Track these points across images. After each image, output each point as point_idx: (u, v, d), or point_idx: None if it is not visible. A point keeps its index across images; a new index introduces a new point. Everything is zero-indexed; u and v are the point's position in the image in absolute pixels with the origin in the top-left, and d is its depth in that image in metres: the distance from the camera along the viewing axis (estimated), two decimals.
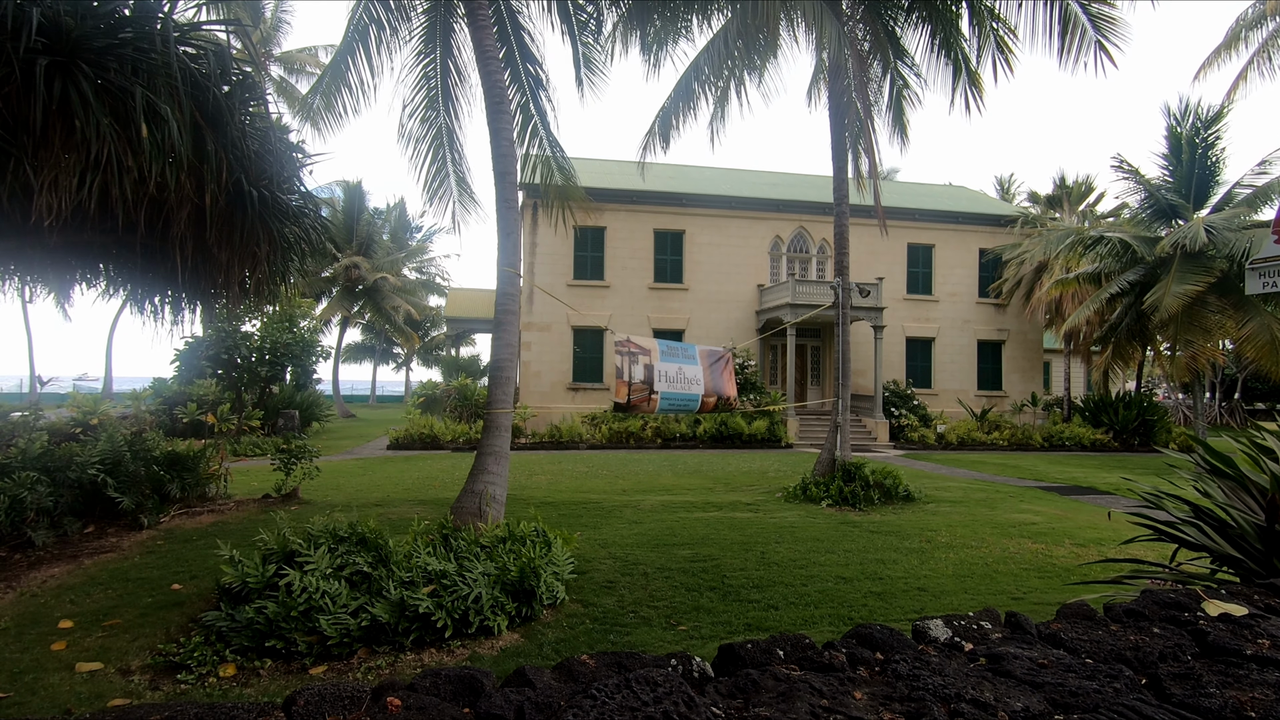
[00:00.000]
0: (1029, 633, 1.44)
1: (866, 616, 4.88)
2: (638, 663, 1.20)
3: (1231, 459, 4.02)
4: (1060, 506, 9.95)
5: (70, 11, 4.56)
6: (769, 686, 1.14)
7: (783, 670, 1.21)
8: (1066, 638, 1.39)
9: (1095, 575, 5.67)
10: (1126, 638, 1.41)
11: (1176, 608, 1.63)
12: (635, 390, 7.61)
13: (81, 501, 6.94)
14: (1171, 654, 1.36)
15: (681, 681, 1.11)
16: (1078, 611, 1.61)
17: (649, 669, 1.13)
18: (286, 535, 4.64)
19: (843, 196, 11.23)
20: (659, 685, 1.08)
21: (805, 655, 1.28)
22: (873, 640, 1.37)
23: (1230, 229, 13.63)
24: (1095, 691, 1.14)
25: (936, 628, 1.45)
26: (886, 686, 1.16)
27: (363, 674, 3.69)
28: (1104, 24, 10.09)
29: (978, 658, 1.31)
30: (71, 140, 4.65)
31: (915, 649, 1.35)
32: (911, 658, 1.26)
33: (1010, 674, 1.22)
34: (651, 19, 10.37)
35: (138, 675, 3.59)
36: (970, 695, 1.12)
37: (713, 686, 1.16)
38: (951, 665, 1.24)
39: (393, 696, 0.98)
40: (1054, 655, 1.30)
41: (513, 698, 1.02)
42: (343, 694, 1.00)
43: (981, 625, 1.48)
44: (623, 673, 1.12)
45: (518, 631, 4.42)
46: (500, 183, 7.20)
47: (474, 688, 1.06)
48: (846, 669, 1.23)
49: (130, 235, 5.89)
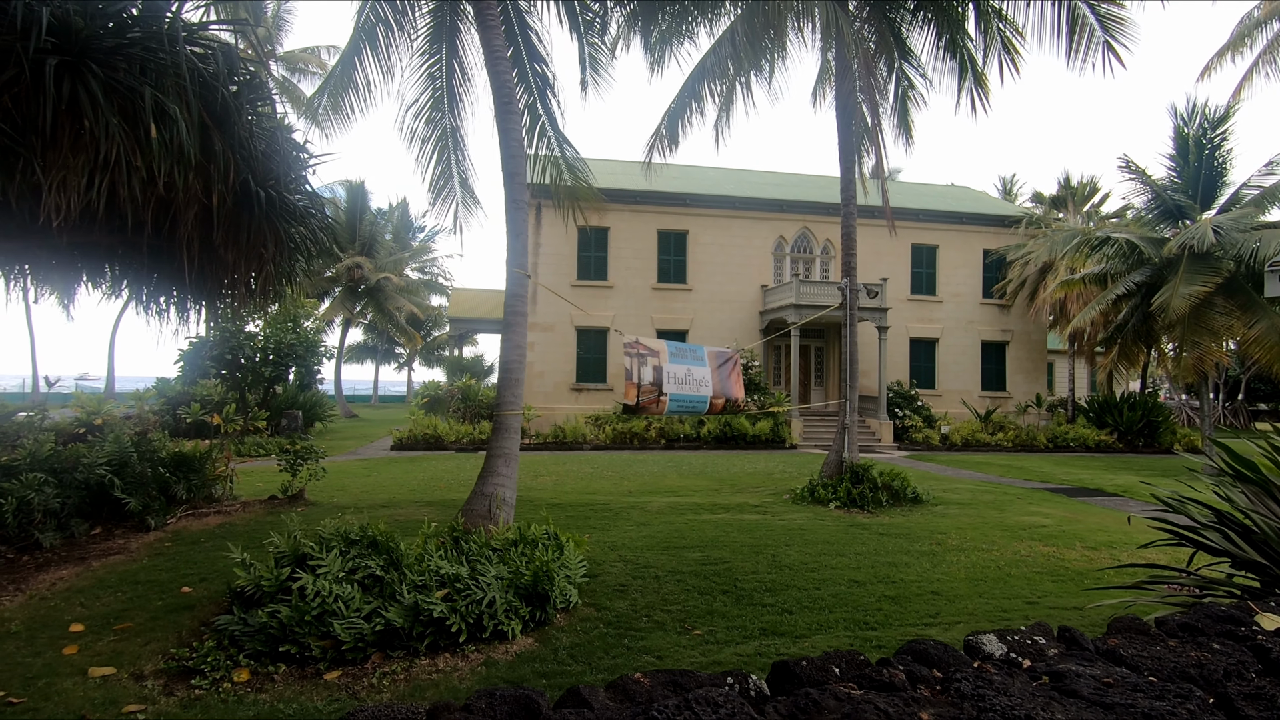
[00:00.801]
0: (1086, 649, 1.40)
1: (882, 621, 4.84)
2: (694, 681, 1.16)
3: (1255, 463, 3.97)
4: (1069, 509, 9.91)
5: (79, 11, 4.52)
6: (831, 707, 1.10)
7: (842, 689, 1.17)
8: (1126, 654, 1.36)
9: (1110, 580, 5.63)
10: (1187, 654, 1.37)
11: (1231, 621, 1.59)
12: (644, 392, 7.58)
13: (88, 503, 6.91)
14: (1236, 671, 1.32)
15: (742, 702, 1.07)
16: (1131, 626, 1.57)
17: (707, 689, 1.09)
18: (298, 538, 4.61)
19: (850, 197, 11.18)
20: (720, 706, 1.04)
21: (862, 673, 1.25)
22: (929, 657, 1.34)
23: (1238, 230, 13.58)
24: (1169, 713, 1.10)
25: (991, 643, 1.41)
26: (952, 707, 1.12)
27: (377, 679, 3.65)
28: (1112, 24, 10.05)
29: (1039, 676, 1.27)
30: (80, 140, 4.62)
31: (973, 666, 1.32)
32: (973, 676, 1.22)
33: (1076, 693, 1.18)
34: (657, 19, 10.33)
35: (151, 680, 3.56)
36: (1041, 717, 1.08)
37: (771, 706, 1.13)
38: (1015, 684, 1.20)
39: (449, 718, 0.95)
40: (1118, 673, 1.26)
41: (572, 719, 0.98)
42: (398, 714, 0.96)
43: (1036, 640, 1.44)
44: (680, 693, 1.09)
45: (531, 636, 4.39)
46: (509, 183, 7.16)
47: (530, 708, 1.03)
48: (907, 688, 1.19)
49: (137, 235, 5.87)
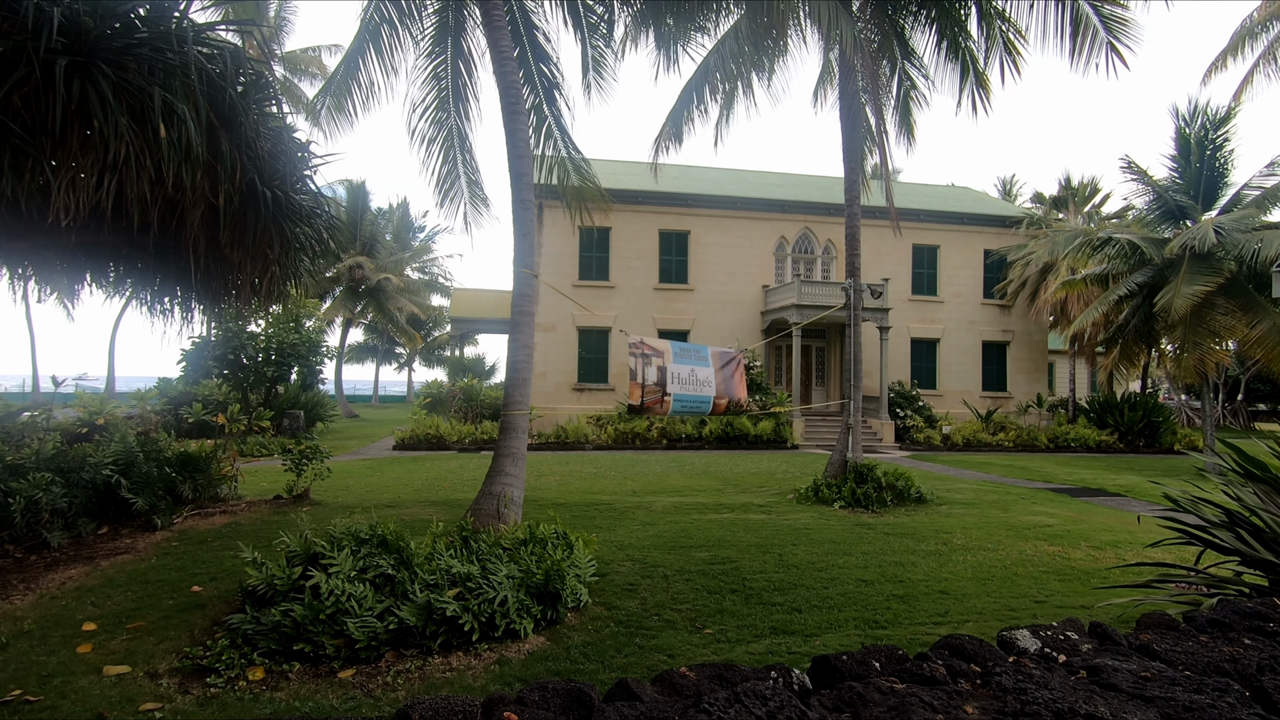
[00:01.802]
0: (1120, 644, 1.41)
1: (891, 620, 4.86)
2: (739, 675, 1.17)
3: (1264, 463, 4.00)
4: (1072, 509, 9.93)
5: (89, 12, 4.54)
6: (875, 700, 1.11)
7: (884, 683, 1.18)
8: (1160, 649, 1.37)
9: (1118, 579, 5.65)
10: (1220, 649, 1.39)
11: (1259, 618, 1.60)
12: (649, 392, 7.59)
13: (95, 503, 6.91)
14: (1269, 665, 1.33)
15: (790, 695, 1.08)
16: (1161, 621, 1.59)
17: (754, 682, 1.10)
18: (309, 537, 4.62)
19: (854, 198, 11.20)
20: (769, 699, 1.06)
21: (902, 667, 1.26)
22: (965, 651, 1.35)
23: (1240, 230, 13.61)
24: (1209, 706, 1.12)
25: (1024, 638, 1.43)
26: (995, 700, 1.14)
27: (392, 678, 3.66)
28: (1116, 25, 10.07)
29: (1076, 670, 1.28)
30: (89, 140, 4.63)
31: (1009, 660, 1.33)
32: (1012, 670, 1.23)
33: (1116, 687, 1.19)
34: (664, 19, 10.35)
35: (166, 678, 3.56)
36: (1085, 710, 1.09)
37: (816, 699, 1.14)
38: (1054, 678, 1.22)
39: (508, 711, 0.95)
40: (1154, 668, 1.28)
41: (625, 712, 0.99)
42: (455, 707, 0.97)
43: (1069, 635, 1.45)
44: (727, 686, 1.10)
45: (543, 634, 4.40)
46: (516, 183, 7.17)
47: (583, 701, 1.04)
48: (949, 682, 1.20)
49: (144, 235, 5.87)
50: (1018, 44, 11.29)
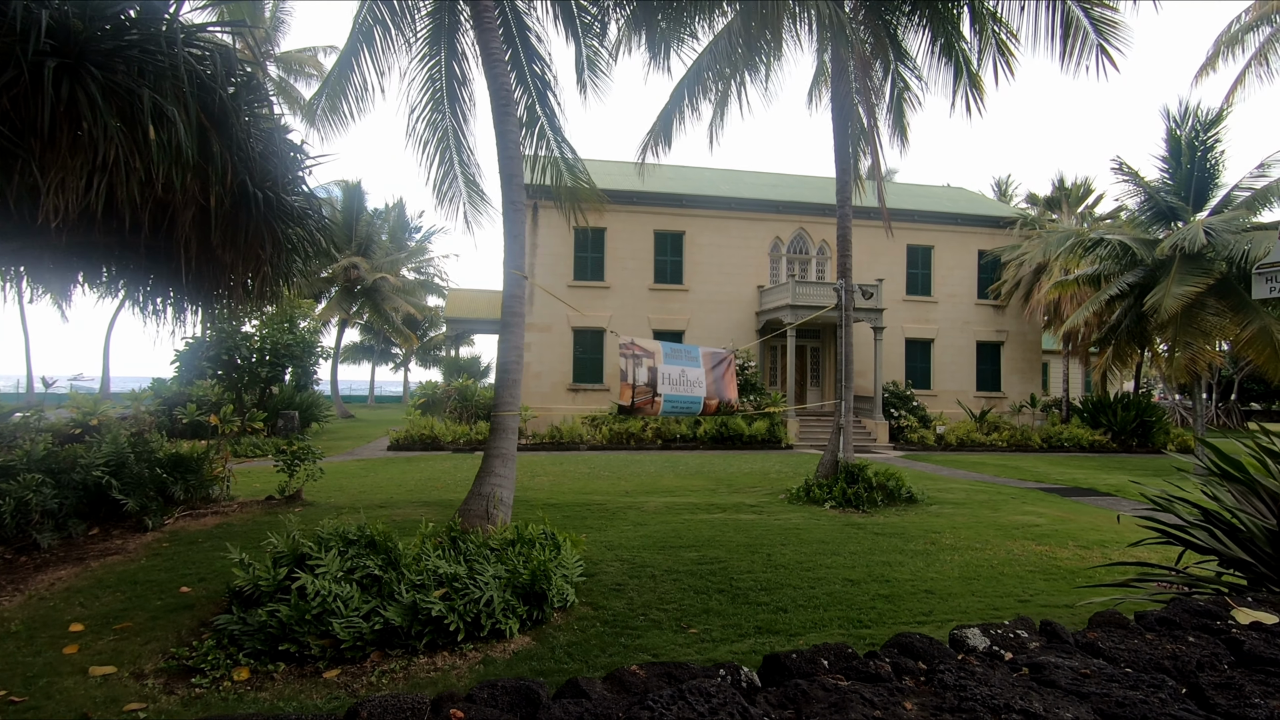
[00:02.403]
0: (1066, 641, 1.45)
1: (875, 619, 4.90)
2: (688, 673, 1.21)
3: (1240, 462, 4.04)
4: (1062, 508, 9.99)
5: (78, 14, 4.55)
6: (819, 697, 1.15)
7: (830, 680, 1.21)
8: (1104, 647, 1.41)
9: (1101, 578, 5.70)
10: (1163, 646, 1.42)
11: (1207, 616, 1.64)
12: (639, 393, 7.61)
13: (86, 503, 6.93)
14: (1209, 663, 1.37)
15: (734, 692, 1.11)
16: (1111, 620, 1.63)
17: (700, 680, 1.14)
18: (296, 538, 4.64)
19: (846, 198, 11.25)
20: (712, 696, 1.09)
21: (850, 665, 1.29)
22: (914, 650, 1.38)
23: (1229, 231, 13.70)
24: (1141, 702, 1.15)
25: (974, 636, 1.46)
26: (935, 697, 1.17)
27: (376, 678, 3.69)
28: (1106, 27, 10.13)
29: (1019, 667, 1.32)
30: (79, 142, 4.65)
31: (957, 658, 1.36)
32: (955, 667, 1.27)
33: (1055, 684, 1.23)
34: (656, 20, 10.37)
35: (151, 679, 3.59)
36: (1019, 706, 1.13)
37: (762, 696, 1.17)
38: (996, 675, 1.25)
39: (454, 709, 0.99)
40: (1095, 665, 1.31)
41: (571, 709, 1.02)
42: (404, 706, 1.01)
43: (1018, 634, 1.49)
44: (675, 684, 1.13)
45: (529, 634, 4.43)
46: (506, 185, 7.20)
47: (531, 699, 1.07)
48: (893, 679, 1.24)
49: (135, 236, 5.88)
50: (1011, 45, 11.34)
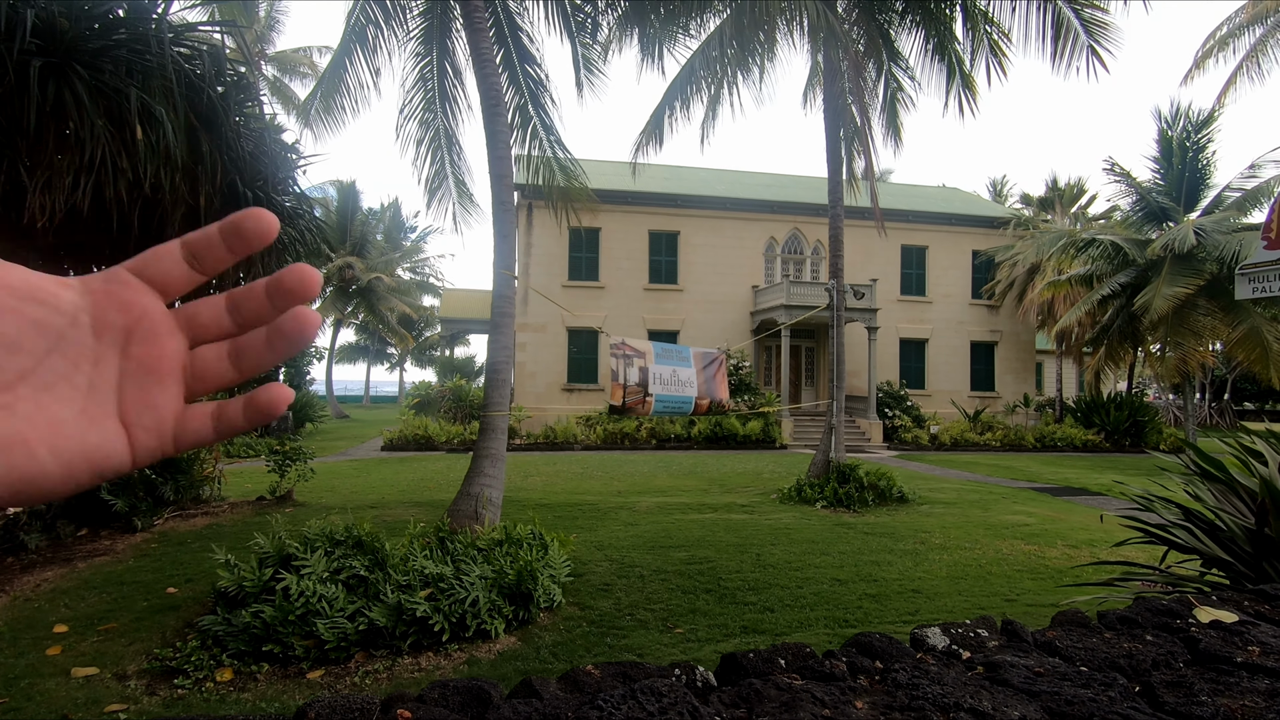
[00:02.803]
0: (1025, 640, 1.46)
1: (861, 618, 4.91)
2: (642, 673, 1.22)
3: (1221, 462, 4.06)
4: (1053, 508, 10.02)
5: (65, 13, 4.54)
6: (772, 696, 1.16)
7: (785, 680, 1.22)
8: (1062, 645, 1.42)
9: (1087, 577, 5.72)
10: (1120, 645, 1.44)
11: (1169, 614, 1.66)
12: (630, 393, 7.62)
13: (74, 504, 6.91)
14: (1164, 661, 1.39)
15: (686, 691, 1.12)
16: (1072, 619, 1.64)
17: (654, 679, 1.15)
18: (282, 539, 4.64)
19: (838, 199, 11.27)
20: (664, 695, 1.10)
21: (807, 664, 1.30)
22: (872, 649, 1.39)
23: (1220, 232, 13.77)
24: (1090, 700, 1.17)
25: (934, 635, 1.47)
26: (887, 695, 1.18)
27: (360, 678, 3.69)
28: (1096, 28, 10.18)
29: (975, 666, 1.33)
30: (66, 141, 4.64)
31: (914, 657, 1.38)
32: (910, 666, 1.28)
33: (1008, 682, 1.24)
34: (649, 19, 10.38)
35: (134, 680, 3.58)
36: (969, 704, 1.14)
37: (716, 696, 1.18)
38: (950, 674, 1.26)
39: (402, 709, 0.99)
40: (1050, 663, 1.32)
41: (520, 709, 1.03)
42: (353, 706, 1.01)
43: (979, 633, 1.50)
44: (628, 683, 1.14)
45: (515, 635, 4.43)
46: (496, 185, 7.20)
47: (482, 699, 1.08)
48: (848, 678, 1.25)
49: (124, 236, 5.87)
50: (1003, 46, 11.39)
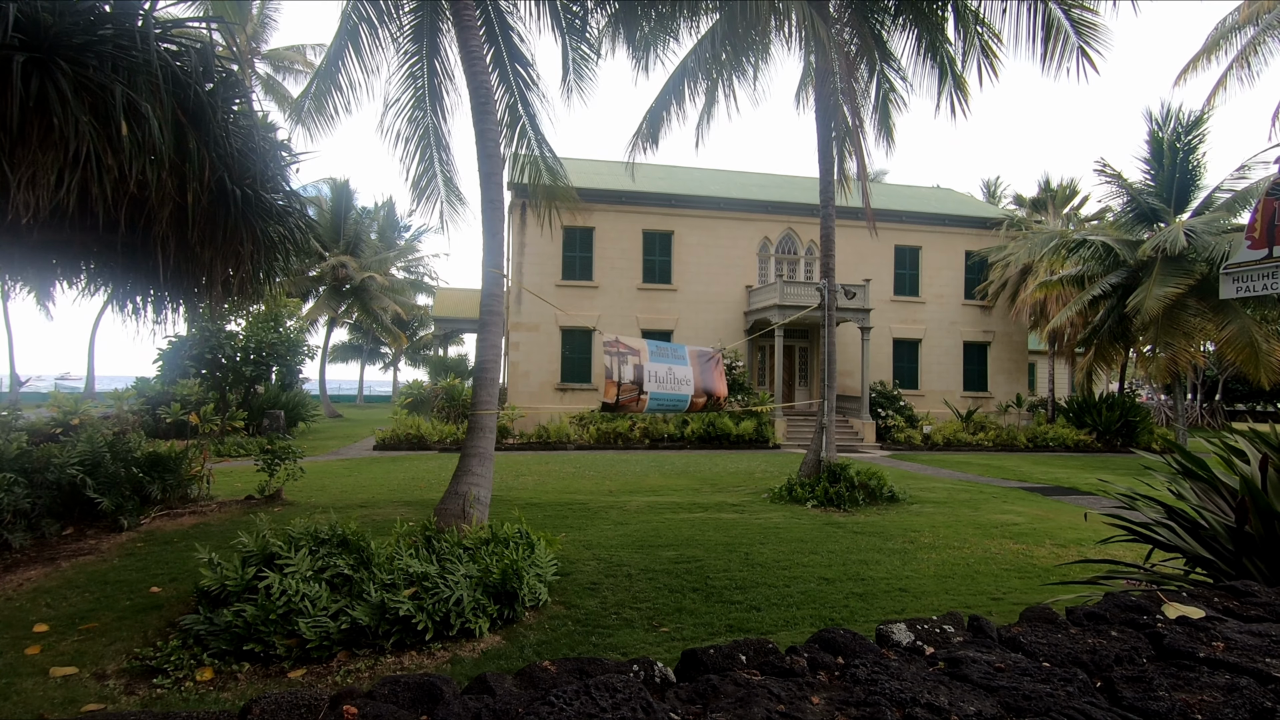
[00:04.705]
0: (990, 636, 1.46)
1: (848, 617, 4.92)
2: (600, 669, 1.21)
3: (1203, 461, 4.08)
4: (1042, 507, 10.06)
5: (48, 8, 4.50)
6: (728, 692, 1.15)
7: (743, 675, 1.22)
8: (1026, 641, 1.42)
9: (1073, 575, 5.74)
10: (1084, 641, 1.44)
11: (1137, 610, 1.66)
12: (624, 390, 7.61)
13: (60, 503, 6.86)
14: (1127, 657, 1.39)
15: (641, 687, 1.11)
16: (1040, 615, 1.64)
17: (609, 675, 1.14)
18: (266, 537, 4.61)
19: (829, 199, 11.29)
20: (618, 691, 1.09)
21: (767, 660, 1.30)
22: (835, 644, 1.39)
23: (1210, 233, 13.84)
24: (1048, 695, 1.16)
25: (899, 631, 1.47)
26: (844, 691, 1.18)
27: (341, 677, 3.67)
28: (1086, 30, 10.20)
29: (937, 661, 1.33)
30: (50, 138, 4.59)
31: (877, 653, 1.37)
32: (871, 662, 1.27)
33: (967, 678, 1.23)
34: (639, 21, 10.37)
35: (113, 680, 3.56)
36: (925, 699, 1.13)
37: (673, 692, 1.17)
38: (910, 669, 1.26)
39: (349, 705, 0.98)
40: (1011, 659, 1.32)
41: (471, 705, 1.02)
42: (300, 703, 1.00)
43: (944, 629, 1.50)
44: (583, 679, 1.13)
45: (499, 634, 4.42)
46: (486, 184, 7.18)
47: (433, 695, 1.07)
48: (807, 674, 1.24)
49: (111, 234, 5.83)
50: (994, 47, 11.41)
